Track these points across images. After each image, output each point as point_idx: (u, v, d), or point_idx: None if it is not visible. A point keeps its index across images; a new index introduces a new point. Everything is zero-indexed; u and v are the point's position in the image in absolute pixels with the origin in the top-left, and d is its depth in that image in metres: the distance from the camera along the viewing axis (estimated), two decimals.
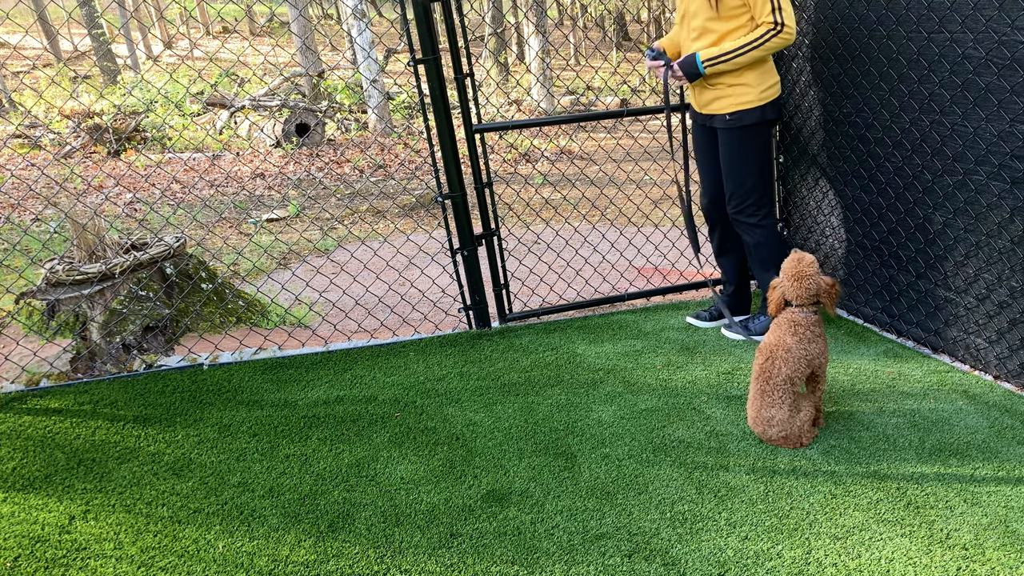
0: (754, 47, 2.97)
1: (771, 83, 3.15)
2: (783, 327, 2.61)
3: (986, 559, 2.05)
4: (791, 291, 2.60)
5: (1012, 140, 2.63)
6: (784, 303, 2.66)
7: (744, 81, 3.10)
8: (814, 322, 2.61)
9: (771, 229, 3.31)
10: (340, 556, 2.18)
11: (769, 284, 2.69)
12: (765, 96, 3.13)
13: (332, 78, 14.35)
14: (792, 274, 2.60)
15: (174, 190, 8.56)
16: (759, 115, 3.14)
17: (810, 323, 2.60)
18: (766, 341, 2.62)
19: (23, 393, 3.20)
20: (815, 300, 2.61)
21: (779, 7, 2.90)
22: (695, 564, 2.09)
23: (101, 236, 3.66)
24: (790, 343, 2.56)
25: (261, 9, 22.22)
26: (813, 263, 2.59)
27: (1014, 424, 2.66)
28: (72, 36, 22.01)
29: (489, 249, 3.70)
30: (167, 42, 23.83)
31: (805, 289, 2.58)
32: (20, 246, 4.79)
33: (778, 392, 2.54)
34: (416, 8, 3.22)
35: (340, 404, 3.06)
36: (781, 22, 2.91)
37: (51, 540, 2.27)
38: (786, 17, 2.92)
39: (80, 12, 16.77)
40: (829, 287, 2.62)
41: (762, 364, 2.58)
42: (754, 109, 3.13)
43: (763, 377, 2.56)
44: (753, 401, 2.61)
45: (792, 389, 2.56)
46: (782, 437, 2.57)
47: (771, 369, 2.55)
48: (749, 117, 3.14)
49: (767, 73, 3.12)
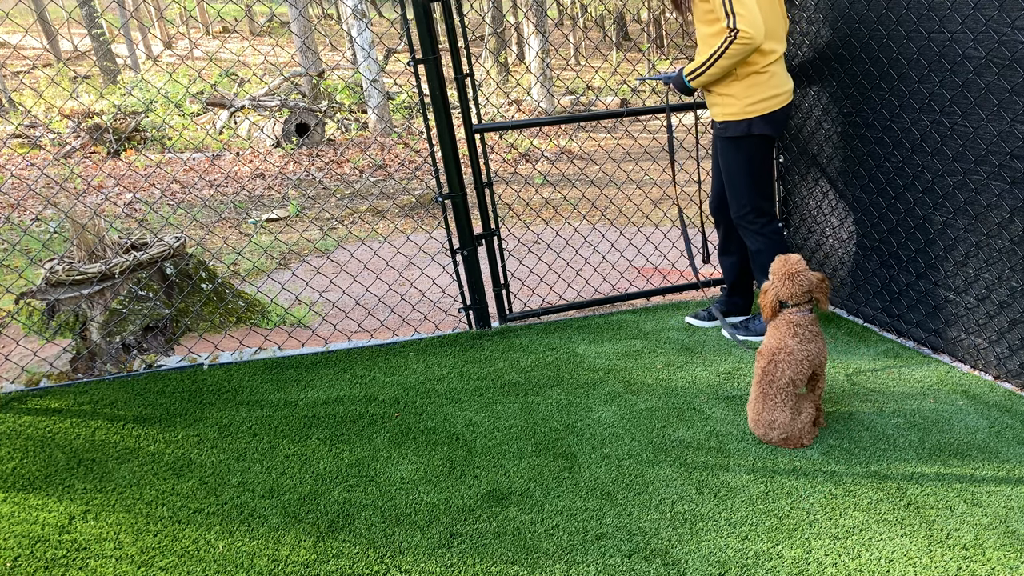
0: (718, 57, 2.95)
1: (760, 97, 3.07)
2: (782, 329, 2.60)
3: (986, 559, 2.05)
4: (784, 291, 2.59)
5: (1012, 140, 2.63)
6: (779, 305, 2.65)
7: (730, 92, 3.09)
8: (811, 321, 2.61)
9: (772, 237, 3.30)
10: (340, 556, 2.18)
11: (761, 289, 2.70)
12: (751, 110, 3.08)
13: (332, 78, 14.35)
14: (782, 274, 2.59)
15: (174, 190, 8.56)
16: (745, 128, 3.11)
17: (808, 322, 2.59)
18: (767, 344, 2.61)
19: (23, 393, 3.20)
20: (809, 297, 2.61)
21: (732, 13, 2.84)
22: (695, 564, 2.09)
23: (101, 236, 3.66)
24: (791, 345, 2.55)
25: (261, 9, 22.22)
26: (800, 260, 2.60)
27: (1014, 424, 2.66)
28: (72, 36, 22.01)
29: (489, 249, 3.70)
30: (167, 42, 23.83)
31: (798, 286, 2.57)
32: (20, 246, 4.79)
33: (780, 395, 2.54)
34: (416, 8, 3.22)
35: (340, 404, 3.06)
36: (735, 27, 2.85)
37: (51, 540, 2.27)
38: (740, 22, 2.84)
39: (80, 12, 16.77)
40: (820, 282, 2.62)
41: (764, 367, 2.56)
42: (740, 122, 3.11)
43: (765, 380, 2.55)
44: (755, 404, 2.60)
45: (794, 391, 2.56)
46: (783, 439, 2.58)
47: (773, 372, 2.54)
48: (734, 129, 3.14)
49: (757, 87, 3.05)
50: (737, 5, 2.83)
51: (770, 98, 3.09)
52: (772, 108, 3.10)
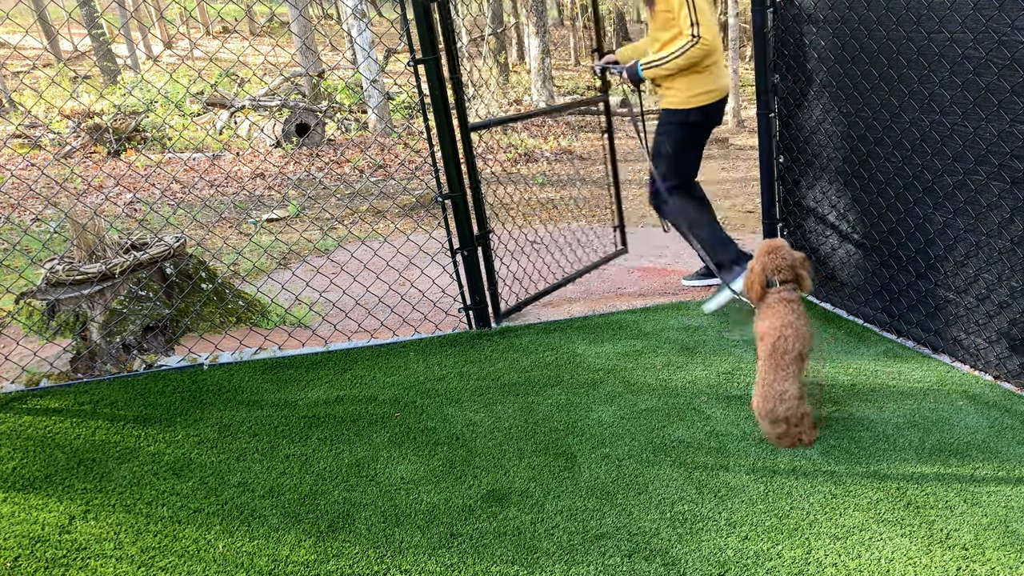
0: (676, 56, 3.48)
1: (699, 91, 3.60)
2: (781, 307, 2.66)
3: (986, 559, 2.05)
4: (770, 263, 2.71)
5: (1012, 140, 2.63)
6: (766, 283, 2.73)
7: (675, 85, 3.63)
8: (799, 299, 2.70)
9: (683, 200, 3.84)
10: (340, 556, 2.18)
11: (748, 268, 2.85)
12: (692, 101, 3.62)
13: (332, 78, 14.35)
14: (766, 250, 2.75)
15: (174, 190, 8.56)
16: (683, 116, 3.68)
17: (797, 299, 2.70)
18: (769, 324, 2.65)
19: (23, 393, 3.21)
20: (794, 274, 2.72)
21: (697, 23, 3.39)
22: (695, 564, 2.09)
23: (101, 236, 3.66)
24: (792, 319, 2.61)
25: (261, 9, 22.21)
26: (780, 240, 2.80)
27: (1014, 424, 2.66)
28: (72, 36, 22.02)
29: (485, 250, 3.71)
30: (167, 42, 23.84)
31: (782, 259, 2.71)
32: (20, 246, 4.79)
33: (792, 368, 2.56)
34: (416, 8, 3.22)
35: (340, 404, 3.06)
36: (698, 35, 3.41)
37: (51, 540, 2.27)
38: (703, 31, 3.40)
39: (80, 12, 16.77)
40: (803, 260, 2.77)
41: (774, 343, 2.59)
42: (679, 110, 3.67)
43: (776, 354, 2.57)
44: (764, 380, 2.59)
45: (802, 366, 2.60)
46: (786, 418, 2.54)
47: (784, 346, 2.57)
48: (676, 115, 3.70)
49: (698, 82, 3.59)
50: (700, 16, 3.38)
51: (707, 92, 3.61)
52: (707, 101, 3.64)
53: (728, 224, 6.09)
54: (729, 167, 10.05)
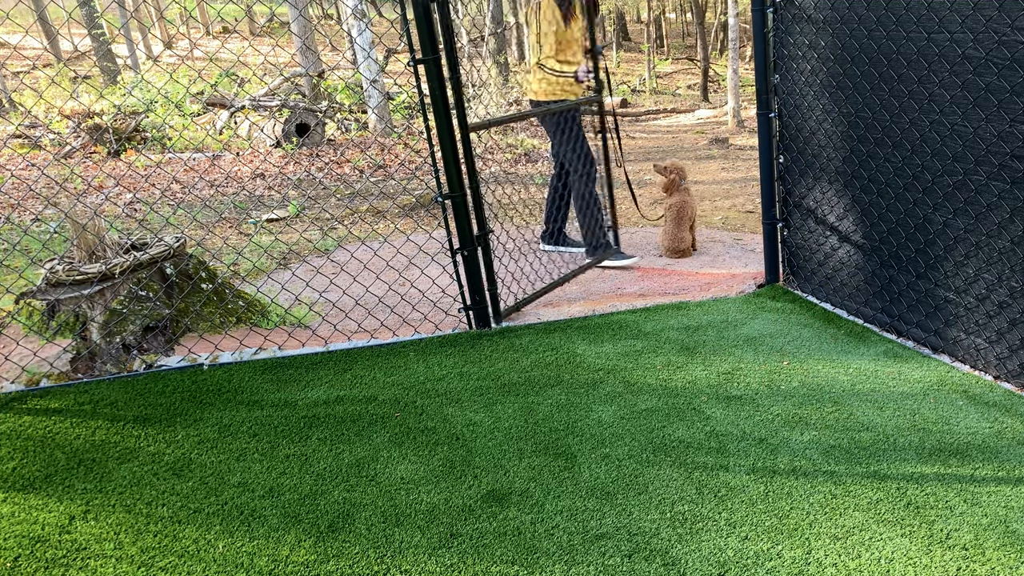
0: None
1: None
2: (682, 193, 4.97)
3: (986, 559, 2.05)
4: (680, 174, 5.03)
5: (1012, 140, 2.63)
6: (677, 183, 4.99)
7: None
8: (689, 190, 5.03)
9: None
10: (340, 556, 2.18)
11: (665, 170, 5.11)
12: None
13: (332, 78, 14.35)
14: (678, 167, 5.07)
15: (174, 190, 8.56)
16: None
17: (688, 190, 5.03)
18: (675, 200, 4.90)
19: (23, 393, 3.20)
20: (685, 176, 5.08)
21: None
22: (695, 564, 2.09)
23: (101, 236, 3.66)
24: (687, 200, 4.93)
25: (261, 9, 22.22)
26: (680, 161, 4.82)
27: (1014, 424, 2.66)
28: (72, 36, 22.02)
29: (485, 250, 3.70)
30: (167, 42, 23.84)
31: (682, 170, 5.08)
32: (20, 246, 4.79)
33: (687, 224, 4.91)
34: (416, 8, 3.22)
35: (340, 404, 3.06)
36: None
37: (51, 540, 2.27)
38: None
39: (80, 12, 16.78)
40: (684, 168, 5.12)
41: (679, 210, 4.86)
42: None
43: (680, 217, 4.88)
44: (670, 231, 4.88)
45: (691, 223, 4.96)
46: (683, 249, 4.89)
47: (686, 212, 4.89)
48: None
49: None
50: None
51: None
52: None
53: (728, 224, 6.10)
54: (729, 167, 10.04)
